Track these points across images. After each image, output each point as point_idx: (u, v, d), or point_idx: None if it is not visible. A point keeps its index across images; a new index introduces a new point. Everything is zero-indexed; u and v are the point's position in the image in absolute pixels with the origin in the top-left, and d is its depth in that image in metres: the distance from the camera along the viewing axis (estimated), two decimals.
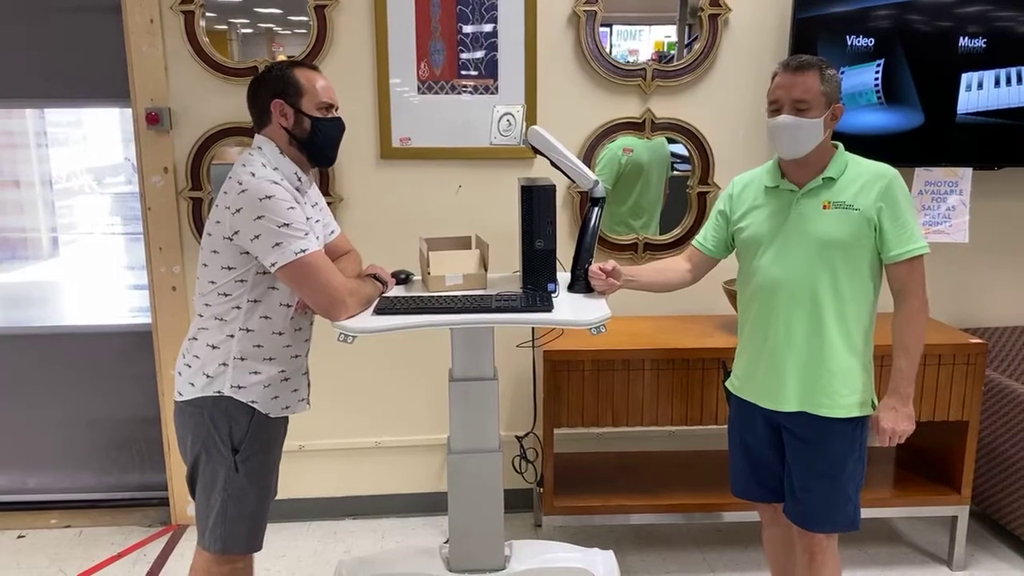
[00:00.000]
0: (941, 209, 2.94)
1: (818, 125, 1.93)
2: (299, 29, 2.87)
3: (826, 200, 1.96)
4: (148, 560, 2.93)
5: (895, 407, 2.00)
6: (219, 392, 1.90)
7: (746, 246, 2.09)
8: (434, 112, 2.94)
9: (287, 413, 2.02)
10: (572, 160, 2.28)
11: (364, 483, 3.20)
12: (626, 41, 2.95)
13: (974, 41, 2.84)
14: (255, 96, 1.98)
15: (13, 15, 2.93)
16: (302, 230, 1.85)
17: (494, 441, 2.32)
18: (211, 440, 1.92)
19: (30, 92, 3.02)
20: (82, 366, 3.23)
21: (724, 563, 2.89)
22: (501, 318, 2.02)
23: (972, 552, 2.91)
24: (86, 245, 3.61)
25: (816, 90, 1.91)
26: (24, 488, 3.28)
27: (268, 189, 1.83)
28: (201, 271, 1.93)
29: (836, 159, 1.99)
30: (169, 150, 2.90)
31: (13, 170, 3.35)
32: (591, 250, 2.24)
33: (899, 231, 1.94)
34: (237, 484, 1.94)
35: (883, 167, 1.98)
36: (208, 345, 1.91)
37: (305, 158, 1.98)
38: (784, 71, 1.95)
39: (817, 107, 1.92)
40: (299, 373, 2.03)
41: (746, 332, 2.13)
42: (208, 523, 1.96)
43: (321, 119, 1.96)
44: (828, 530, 2.05)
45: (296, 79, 1.94)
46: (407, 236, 2.78)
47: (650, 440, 3.19)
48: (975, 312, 3.21)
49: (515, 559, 2.41)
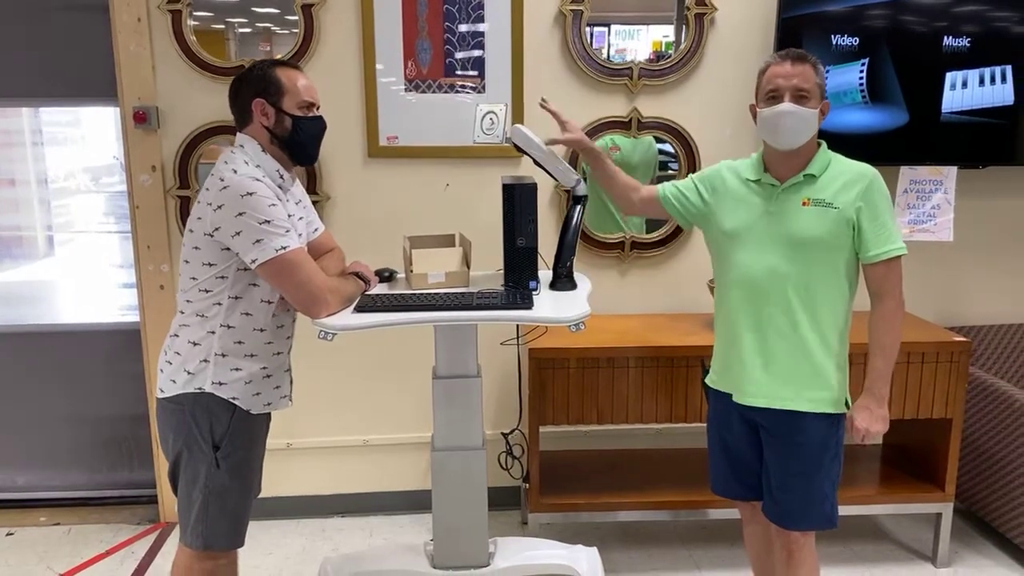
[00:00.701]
0: (926, 207, 2.95)
1: (815, 116, 1.95)
2: (295, 28, 2.88)
3: (806, 197, 1.97)
4: (136, 558, 2.93)
5: (869, 407, 2.01)
6: (200, 388, 1.91)
7: (724, 239, 2.08)
8: (421, 111, 2.94)
9: (269, 410, 2.03)
10: (555, 158, 2.29)
11: (352, 481, 3.21)
12: (624, 41, 2.96)
13: (958, 40, 2.85)
14: (236, 95, 1.99)
15: (1, 15, 2.94)
16: (283, 227, 1.86)
17: (478, 438, 2.33)
18: (192, 437, 1.92)
19: (18, 91, 3.03)
20: (71, 364, 3.24)
21: (710, 560, 2.90)
22: (481, 315, 2.03)
23: (956, 549, 2.92)
24: (81, 244, 3.62)
25: (814, 81, 1.94)
26: (13, 486, 3.29)
27: (250, 186, 1.84)
28: (183, 267, 1.94)
29: (819, 156, 2.00)
30: (157, 149, 2.91)
31: (9, 168, 3.36)
32: (573, 248, 2.26)
33: (878, 231, 1.94)
34: (218, 480, 1.94)
35: (864, 167, 1.99)
36: (189, 342, 1.92)
37: (287, 156, 1.99)
38: (783, 60, 1.95)
39: (815, 98, 1.94)
40: (281, 370, 2.04)
41: (720, 324, 2.14)
42: (190, 519, 1.97)
43: (302, 118, 1.96)
44: (804, 528, 2.06)
45: (277, 78, 1.95)
46: (394, 235, 2.79)
47: (636, 438, 3.20)
48: (959, 310, 3.23)
49: (499, 556, 2.42)
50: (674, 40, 3.19)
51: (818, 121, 1.96)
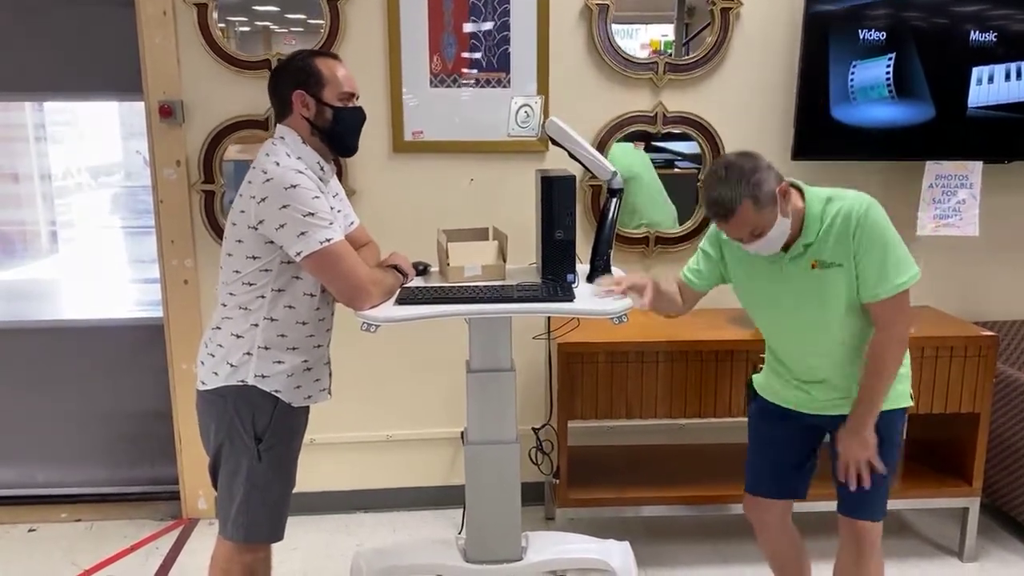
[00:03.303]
0: (951, 202, 2.95)
1: (781, 224, 1.85)
2: (295, 27, 2.88)
3: (813, 259, 1.91)
4: (160, 553, 2.92)
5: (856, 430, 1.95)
6: (243, 381, 1.90)
7: (743, 294, 2.10)
8: (446, 106, 2.94)
9: (309, 403, 2.03)
10: (590, 151, 2.29)
11: (375, 476, 3.20)
12: (622, 40, 2.96)
13: (985, 35, 2.85)
14: (276, 86, 1.97)
15: (27, 8, 2.92)
16: (327, 219, 1.85)
17: (511, 432, 2.33)
18: (235, 429, 1.92)
19: (43, 85, 3.02)
20: (92, 360, 3.23)
21: (736, 554, 2.90)
22: (523, 308, 2.03)
23: (983, 544, 2.92)
24: (92, 240, 3.62)
25: (753, 217, 1.82)
26: (33, 482, 3.27)
27: (293, 178, 1.83)
28: (225, 260, 1.93)
29: (808, 222, 1.90)
30: (181, 143, 2.90)
31: (13, 164, 3.36)
32: (610, 241, 2.26)
33: (876, 270, 1.86)
34: (260, 473, 1.94)
35: (849, 206, 1.87)
36: (232, 334, 1.91)
37: (327, 148, 1.98)
38: (717, 221, 1.88)
39: (767, 222, 1.83)
40: (321, 363, 2.04)
41: (768, 352, 2.14)
42: (231, 512, 1.96)
43: (343, 109, 1.95)
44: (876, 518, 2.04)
45: (317, 69, 1.93)
46: (420, 229, 2.78)
47: (660, 434, 3.19)
48: (985, 305, 3.22)
49: (531, 550, 2.41)
50: (674, 39, 3.21)
51: (783, 212, 1.84)
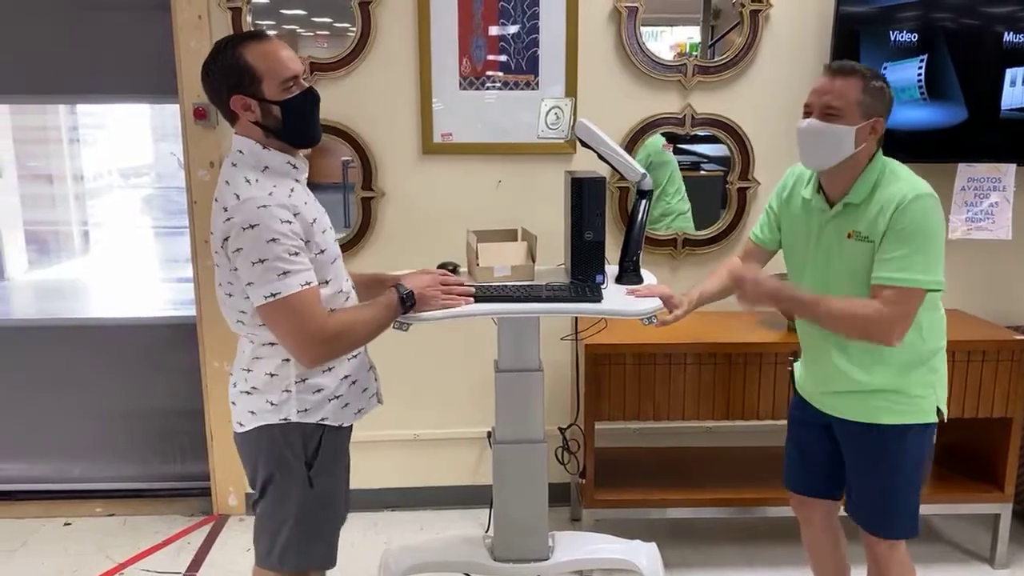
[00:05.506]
0: (984, 205, 2.93)
1: (846, 136, 1.77)
2: (321, 31, 2.91)
3: (850, 229, 1.85)
4: (192, 548, 2.97)
5: (767, 283, 1.95)
6: (286, 419, 1.79)
7: (786, 254, 2.08)
8: (475, 108, 2.96)
9: (359, 417, 1.94)
10: (620, 153, 2.30)
11: (401, 475, 3.23)
12: (648, 42, 2.97)
13: (1018, 36, 2.82)
14: (211, 92, 1.74)
15: (63, 13, 2.99)
16: (281, 266, 1.65)
17: (539, 432, 2.34)
18: (284, 460, 1.81)
19: (79, 88, 3.08)
20: (125, 357, 3.28)
21: (763, 557, 2.89)
22: (552, 308, 2.04)
23: (1014, 551, 2.89)
24: (123, 240, 3.69)
25: (852, 98, 1.76)
26: (69, 477, 3.34)
27: (252, 217, 1.64)
28: (226, 300, 1.78)
29: (860, 181, 1.83)
30: (215, 145, 2.95)
31: (48, 165, 3.43)
32: (640, 242, 2.26)
33: (898, 258, 1.76)
34: (311, 500, 1.83)
35: (902, 190, 1.78)
36: (267, 374, 1.79)
37: (289, 144, 1.77)
38: (825, 73, 1.83)
39: (850, 116, 1.77)
40: (364, 370, 1.95)
41: (800, 328, 2.11)
42: (276, 542, 1.84)
43: (290, 99, 1.70)
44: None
45: (247, 63, 1.67)
46: (448, 231, 2.81)
47: (687, 436, 3.19)
48: (1018, 309, 3.18)
49: (558, 550, 2.42)
50: (700, 41, 3.20)
51: (859, 142, 1.78)
